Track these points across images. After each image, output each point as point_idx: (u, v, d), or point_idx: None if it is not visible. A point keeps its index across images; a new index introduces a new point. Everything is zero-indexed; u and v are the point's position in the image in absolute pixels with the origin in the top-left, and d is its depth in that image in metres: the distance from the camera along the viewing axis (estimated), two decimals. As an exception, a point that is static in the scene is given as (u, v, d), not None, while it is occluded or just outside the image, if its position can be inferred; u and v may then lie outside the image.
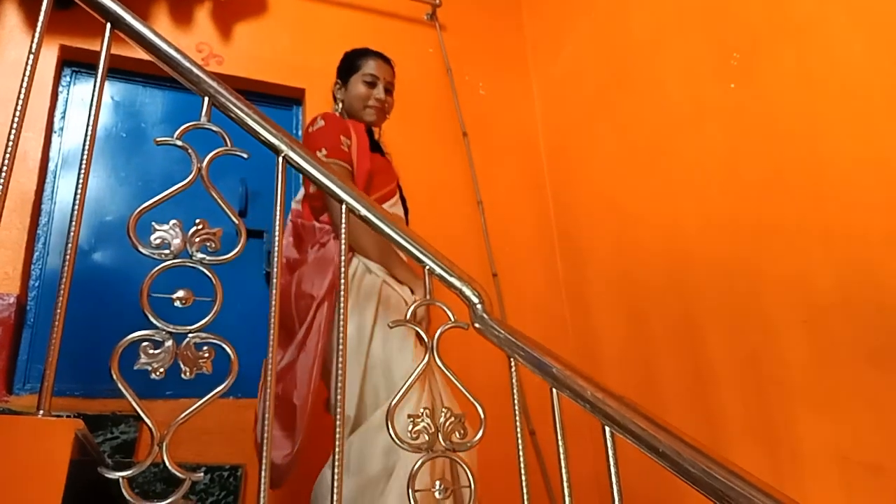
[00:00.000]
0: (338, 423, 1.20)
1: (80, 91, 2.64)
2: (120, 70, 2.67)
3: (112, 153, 2.59)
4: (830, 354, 1.64)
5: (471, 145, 3.00)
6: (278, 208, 1.46)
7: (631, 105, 2.52)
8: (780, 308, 1.79)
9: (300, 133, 2.87)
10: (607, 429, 1.07)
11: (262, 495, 1.07)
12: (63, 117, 2.56)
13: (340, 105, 2.07)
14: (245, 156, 1.35)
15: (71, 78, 2.65)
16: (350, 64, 2.09)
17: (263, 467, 1.12)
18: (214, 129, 1.33)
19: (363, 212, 1.45)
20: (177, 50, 1.37)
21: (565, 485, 1.19)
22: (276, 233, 1.44)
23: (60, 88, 2.61)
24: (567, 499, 1.14)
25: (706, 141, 2.11)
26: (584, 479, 2.24)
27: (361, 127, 1.95)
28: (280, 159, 1.47)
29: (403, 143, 2.90)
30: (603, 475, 1.05)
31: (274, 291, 1.36)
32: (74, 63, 2.65)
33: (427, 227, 1.85)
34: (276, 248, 1.40)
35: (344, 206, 1.45)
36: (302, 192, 2.04)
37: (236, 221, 1.29)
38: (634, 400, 1.05)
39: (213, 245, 1.28)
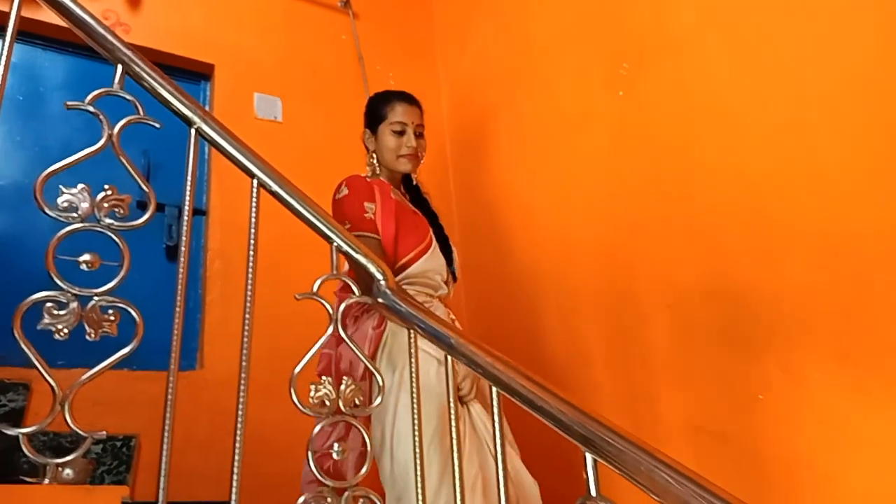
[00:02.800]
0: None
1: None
2: (21, 32, 2.56)
3: (7, 117, 2.50)
4: (688, 336, 1.86)
5: (378, 133, 3.08)
6: (189, 179, 1.49)
7: (530, 103, 2.69)
8: (649, 295, 2.00)
9: (210, 106, 2.85)
10: (494, 389, 1.19)
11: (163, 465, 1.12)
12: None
13: (375, 157, 2.03)
14: (157, 125, 1.37)
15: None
16: (376, 113, 2.06)
17: (166, 439, 1.17)
18: (128, 97, 1.35)
19: (274, 187, 1.51)
20: (91, 16, 1.38)
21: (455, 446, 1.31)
22: (187, 205, 1.48)
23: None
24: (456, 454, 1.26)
25: (593, 143, 2.31)
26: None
27: (387, 188, 1.93)
28: (192, 131, 1.49)
29: (314, 129, 2.95)
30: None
31: (181, 270, 1.39)
32: (-27, 21, 2.52)
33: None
34: (186, 221, 1.44)
35: (255, 181, 1.50)
36: None
37: (146, 189, 1.31)
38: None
39: (122, 211, 1.30)
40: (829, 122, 1.58)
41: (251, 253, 1.47)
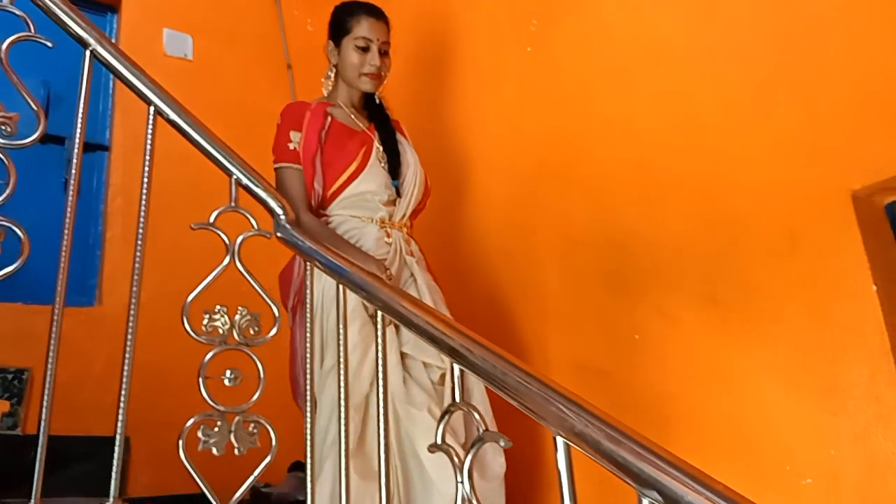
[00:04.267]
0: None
1: None
2: None
3: None
4: (578, 281, 1.98)
5: (295, 78, 3.05)
6: (81, 104, 1.46)
7: (446, 57, 2.72)
8: (546, 242, 2.10)
9: (116, 41, 2.74)
10: (380, 313, 1.24)
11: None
12: None
13: (334, 71, 1.98)
14: (49, 44, 1.34)
15: None
16: (340, 24, 1.97)
17: (49, 371, 1.17)
18: (18, 12, 1.31)
19: (172, 115, 1.49)
20: (-21, -74, 1.32)
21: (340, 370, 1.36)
22: (78, 132, 1.45)
23: None
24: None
25: (503, 95, 2.37)
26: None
27: (321, 110, 1.90)
28: (87, 53, 1.46)
29: (226, 69, 2.89)
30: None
31: (70, 200, 1.37)
32: None
33: (245, 154, 1.89)
34: (77, 147, 1.41)
35: (152, 108, 1.49)
36: None
37: (34, 107, 1.29)
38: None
39: (10, 129, 1.27)
40: (710, 83, 1.69)
41: (145, 180, 1.47)
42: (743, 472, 1.51)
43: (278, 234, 1.55)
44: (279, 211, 1.56)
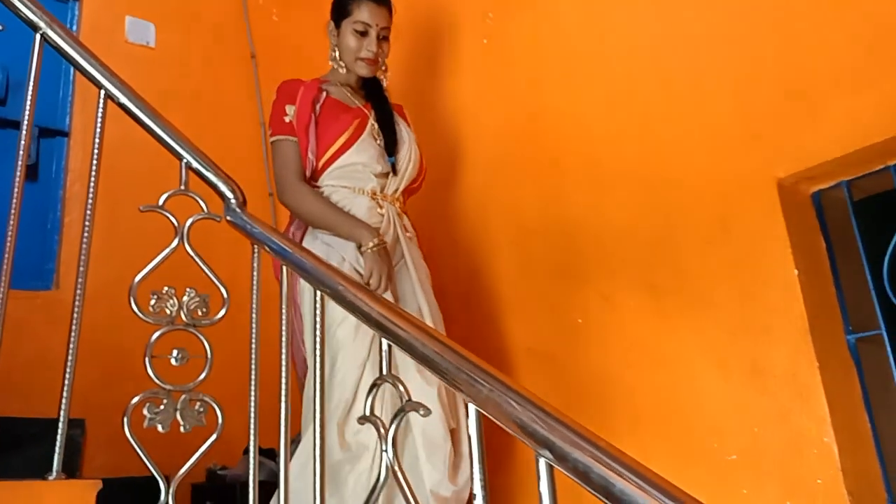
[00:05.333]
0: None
1: None
2: None
3: None
4: (528, 269, 2.04)
5: (259, 68, 3.06)
6: (30, 87, 1.48)
7: (410, 43, 2.75)
8: (498, 230, 2.16)
9: (77, 28, 2.74)
10: (318, 292, 1.28)
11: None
12: None
13: (337, 52, 1.97)
14: (0, 27, 1.35)
15: None
16: (342, 6, 1.95)
17: None
18: (-34, -5, 1.32)
19: (122, 99, 1.52)
20: None
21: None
22: (27, 112, 1.47)
23: None
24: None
25: (461, 87, 2.42)
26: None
27: (314, 86, 1.91)
28: (38, 37, 1.48)
29: (189, 57, 2.90)
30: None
31: (17, 182, 1.39)
32: None
33: (206, 143, 1.89)
34: (25, 133, 1.43)
35: (103, 92, 1.51)
36: None
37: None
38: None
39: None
40: (653, 78, 1.75)
41: (94, 163, 1.49)
42: (675, 448, 1.58)
43: (228, 218, 1.57)
44: (229, 195, 1.59)
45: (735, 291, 1.51)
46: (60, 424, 1.31)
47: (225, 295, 1.48)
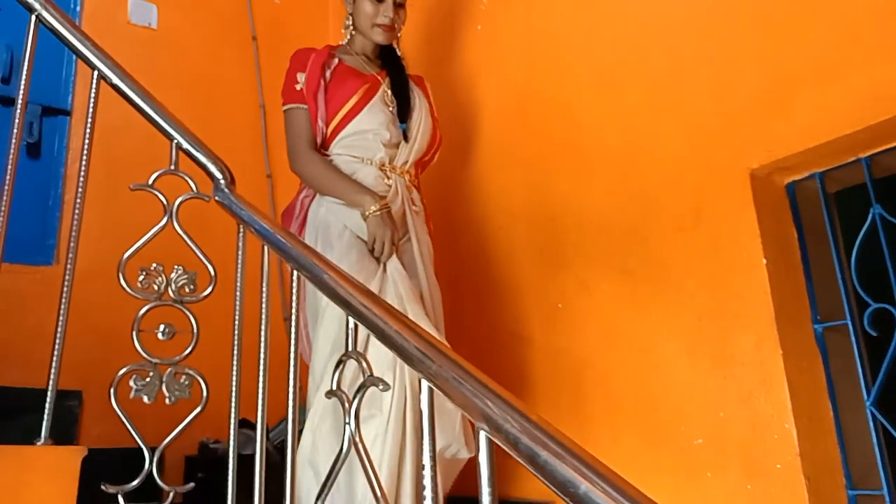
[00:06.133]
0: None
1: None
2: None
3: None
4: (514, 254, 2.07)
5: (260, 51, 3.10)
6: (25, 66, 1.53)
7: (404, 30, 2.78)
8: (488, 217, 2.19)
9: (80, 9, 2.78)
10: (296, 273, 1.33)
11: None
12: None
13: (351, 20, 1.95)
14: (-5, 8, 1.39)
15: None
16: None
17: None
18: (-38, -23, 1.37)
19: (115, 80, 1.56)
20: None
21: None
22: (21, 91, 1.52)
23: None
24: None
25: (455, 74, 2.44)
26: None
27: (323, 53, 1.90)
28: (33, 18, 1.52)
29: (191, 38, 2.94)
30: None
31: (10, 160, 1.44)
32: None
33: (206, 124, 1.91)
34: (19, 111, 1.48)
35: (96, 73, 1.55)
36: None
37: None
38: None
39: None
40: (636, 68, 1.78)
41: (86, 142, 1.53)
42: (645, 431, 1.62)
43: (216, 198, 1.61)
44: (218, 175, 1.62)
45: (706, 279, 1.54)
46: (49, 393, 1.37)
47: (212, 272, 1.53)
